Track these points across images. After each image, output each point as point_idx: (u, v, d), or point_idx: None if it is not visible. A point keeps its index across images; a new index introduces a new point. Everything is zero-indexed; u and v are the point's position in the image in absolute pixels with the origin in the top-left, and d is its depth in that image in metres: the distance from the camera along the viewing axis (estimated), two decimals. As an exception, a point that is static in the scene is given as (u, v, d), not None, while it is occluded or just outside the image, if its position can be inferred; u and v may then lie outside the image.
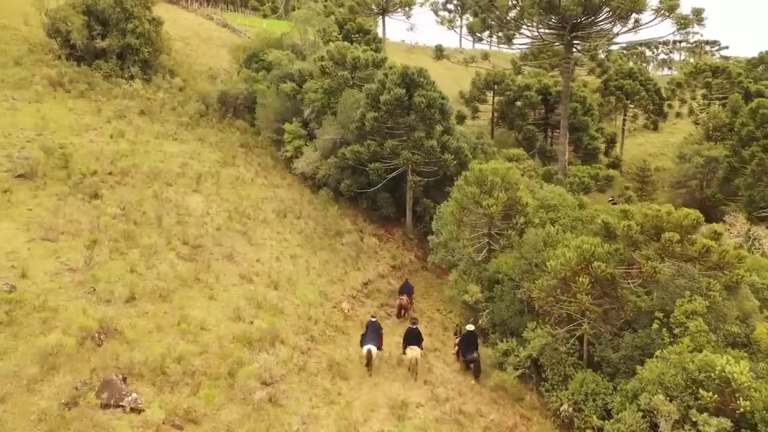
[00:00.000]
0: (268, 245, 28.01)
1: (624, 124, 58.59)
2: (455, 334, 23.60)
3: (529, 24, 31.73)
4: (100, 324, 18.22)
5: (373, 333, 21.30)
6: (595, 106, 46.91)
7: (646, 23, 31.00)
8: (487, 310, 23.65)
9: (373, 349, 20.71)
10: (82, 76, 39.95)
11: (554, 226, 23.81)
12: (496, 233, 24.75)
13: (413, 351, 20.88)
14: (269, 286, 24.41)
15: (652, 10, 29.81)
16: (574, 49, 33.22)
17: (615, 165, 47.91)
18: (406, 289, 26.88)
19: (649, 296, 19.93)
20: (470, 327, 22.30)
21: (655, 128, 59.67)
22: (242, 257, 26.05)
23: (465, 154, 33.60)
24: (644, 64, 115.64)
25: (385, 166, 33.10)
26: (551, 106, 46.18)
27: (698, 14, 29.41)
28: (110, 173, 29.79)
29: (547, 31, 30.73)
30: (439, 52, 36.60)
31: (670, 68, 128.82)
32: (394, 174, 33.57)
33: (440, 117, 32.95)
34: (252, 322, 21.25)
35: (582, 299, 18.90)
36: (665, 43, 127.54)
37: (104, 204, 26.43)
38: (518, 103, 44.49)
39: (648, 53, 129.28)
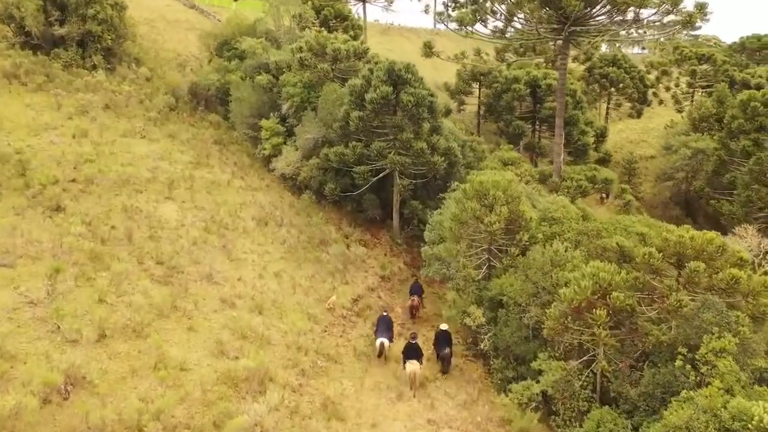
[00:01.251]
0: (249, 260, 25.94)
1: (608, 113, 57.46)
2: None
3: (528, 18, 29.84)
4: (66, 374, 16.11)
5: (385, 327, 22.68)
6: (584, 98, 45.50)
7: (646, 17, 29.54)
8: (489, 333, 22.09)
9: (386, 341, 22.28)
10: (40, 66, 36.91)
11: (560, 242, 22.25)
12: (496, 249, 23.11)
13: (413, 365, 20.76)
14: (253, 310, 22.42)
15: (655, 4, 28.17)
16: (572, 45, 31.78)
17: (605, 160, 46.70)
18: (416, 289, 26.54)
19: (666, 324, 18.59)
20: (444, 326, 22.62)
21: (639, 116, 58.65)
22: (222, 276, 23.96)
23: (455, 154, 31.80)
24: (617, 44, 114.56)
25: (371, 167, 31.14)
26: (539, 99, 44.54)
27: (702, 9, 27.96)
28: (73, 180, 27.28)
29: (545, 25, 28.86)
30: (428, 50, 34.56)
31: (643, 48, 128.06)
32: (380, 176, 31.64)
33: (429, 115, 30.98)
34: (237, 358, 19.31)
35: (599, 334, 17.42)
36: (636, 21, 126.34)
37: (68, 219, 24.00)
38: (506, 96, 42.68)
39: (622, 32, 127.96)
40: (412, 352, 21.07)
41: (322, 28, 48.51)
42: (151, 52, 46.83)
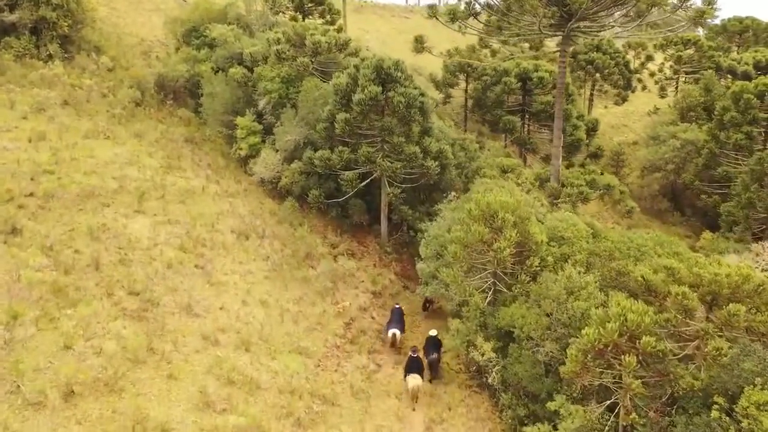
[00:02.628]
0: (231, 283, 23.71)
1: (592, 100, 55.99)
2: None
3: (530, 14, 27.69)
4: (29, 453, 13.93)
5: (397, 318, 23.70)
6: (575, 91, 43.82)
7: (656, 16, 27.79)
8: (497, 366, 20.42)
9: (398, 332, 23.22)
10: (-13, 58, 33.63)
11: (571, 265, 20.58)
12: (502, 272, 21.33)
13: (414, 380, 20.64)
14: (239, 347, 20.30)
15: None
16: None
17: (597, 155, 45.22)
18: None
19: (695, 363, 17.12)
20: (433, 332, 22.85)
21: (624, 101, 57.31)
22: (203, 306, 21.71)
23: (446, 156, 29.80)
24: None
25: (358, 172, 29.03)
26: (529, 92, 42.60)
27: (710, 3, 26.23)
28: (31, 194, 24.54)
29: (547, 19, 26.80)
30: (420, 45, 32.18)
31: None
32: (367, 180, 29.54)
33: (420, 116, 28.87)
34: (225, 410, 17.27)
35: (629, 383, 15.83)
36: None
37: (26, 245, 21.36)
38: (495, 89, 40.62)
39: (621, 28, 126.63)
40: (413, 366, 21.01)
41: (297, 13, 45.65)
42: (112, 38, 43.38)
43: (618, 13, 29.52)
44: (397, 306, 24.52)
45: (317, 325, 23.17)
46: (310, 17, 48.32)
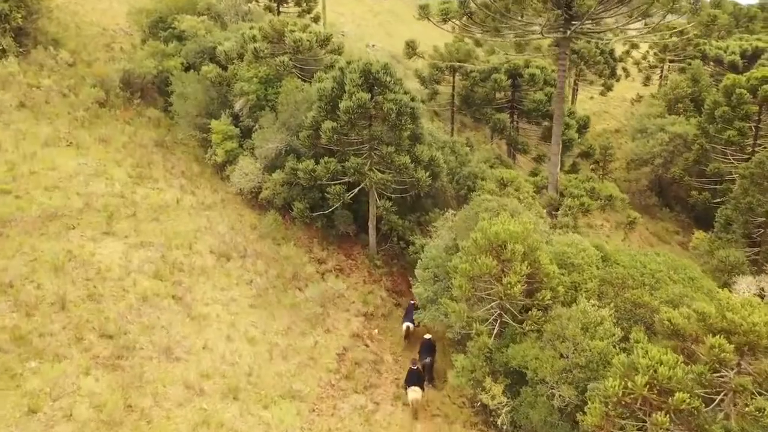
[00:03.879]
0: (213, 315, 21.74)
1: (576, 89, 54.63)
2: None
3: (533, 15, 25.81)
4: None
5: (411, 313, 24.18)
6: (567, 88, 42.24)
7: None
8: (507, 408, 19.00)
9: (411, 325, 24.07)
10: (-68, 57, 30.60)
11: (584, 297, 19.19)
12: (510, 304, 19.80)
13: (414, 393, 20.63)
14: (226, 395, 18.46)
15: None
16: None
17: (588, 154, 43.88)
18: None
19: (722, 411, 15.93)
20: (428, 336, 23.25)
21: (609, 90, 56.07)
22: (184, 347, 19.76)
23: (438, 165, 28.02)
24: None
25: (345, 183, 27.13)
26: (518, 87, 40.76)
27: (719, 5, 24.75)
28: (-15, 218, 22.16)
29: (550, 22, 24.97)
30: (411, 50, 30.05)
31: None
32: (355, 191, 27.66)
33: (412, 123, 26.97)
34: (215, 479, 15.53)
35: (662, 444, 14.53)
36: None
37: (-20, 283, 19.13)
38: (484, 86, 38.74)
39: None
40: (413, 378, 21.02)
41: (272, 1, 42.97)
42: (71, 29, 40.20)
43: (621, 12, 27.91)
44: (413, 302, 24.83)
45: (309, 361, 21.41)
46: (286, 4, 45.64)
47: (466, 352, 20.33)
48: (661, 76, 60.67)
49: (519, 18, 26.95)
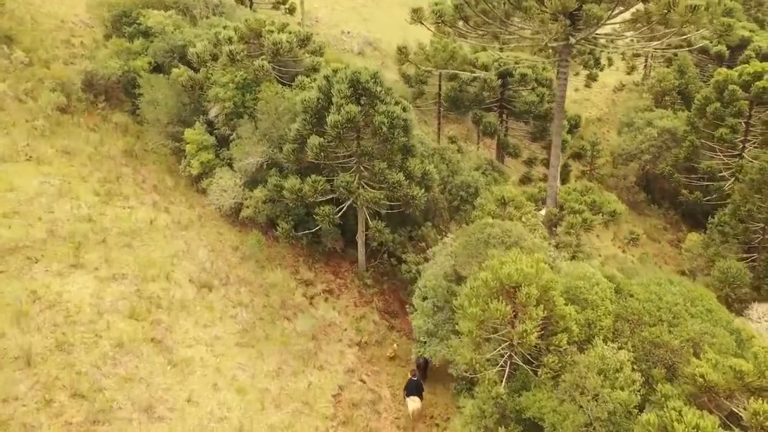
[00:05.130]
0: (197, 359, 19.89)
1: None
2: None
3: (537, 24, 24.00)
4: None
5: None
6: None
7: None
8: (520, 460, 17.72)
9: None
10: None
11: (601, 339, 17.89)
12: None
13: (414, 403, 21.02)
14: (216, 460, 16.82)
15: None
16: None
17: (580, 155, 42.58)
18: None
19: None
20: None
21: (595, 80, 54.82)
22: (166, 402, 17.93)
23: (431, 179, 26.34)
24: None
25: (333, 200, 25.34)
26: (507, 87, 38.99)
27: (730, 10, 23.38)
28: (-64, 256, 19.88)
29: (553, 33, 23.29)
30: (404, 57, 28.15)
31: None
32: (343, 207, 25.88)
33: (404, 136, 25.18)
34: None
35: None
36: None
37: (-68, 340, 16.99)
38: (473, 87, 36.96)
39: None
40: (413, 388, 21.25)
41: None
42: (26, 23, 37.09)
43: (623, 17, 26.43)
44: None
45: (304, 407, 19.76)
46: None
47: (473, 395, 18.94)
48: (645, 66, 59.64)
49: (519, 25, 25.15)
